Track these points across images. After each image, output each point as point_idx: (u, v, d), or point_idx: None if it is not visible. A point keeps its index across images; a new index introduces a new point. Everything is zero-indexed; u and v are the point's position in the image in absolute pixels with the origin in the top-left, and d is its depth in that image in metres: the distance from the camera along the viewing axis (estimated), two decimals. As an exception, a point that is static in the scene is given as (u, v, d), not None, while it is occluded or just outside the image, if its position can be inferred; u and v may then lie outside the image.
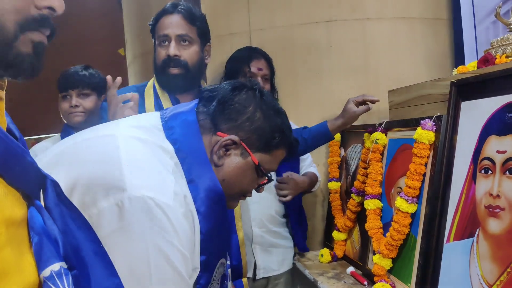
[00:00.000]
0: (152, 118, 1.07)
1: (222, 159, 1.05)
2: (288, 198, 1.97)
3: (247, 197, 1.19)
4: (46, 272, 0.57)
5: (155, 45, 1.74)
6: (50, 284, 0.57)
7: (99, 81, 2.03)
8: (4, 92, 0.66)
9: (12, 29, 0.61)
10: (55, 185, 0.67)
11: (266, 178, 1.13)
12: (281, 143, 1.12)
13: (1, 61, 0.62)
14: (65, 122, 2.01)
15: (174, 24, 1.67)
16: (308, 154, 2.16)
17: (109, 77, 1.53)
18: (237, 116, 1.06)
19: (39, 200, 0.63)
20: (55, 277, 0.58)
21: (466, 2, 2.25)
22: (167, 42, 1.68)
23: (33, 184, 0.62)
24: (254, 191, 1.18)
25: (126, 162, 0.85)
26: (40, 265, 0.57)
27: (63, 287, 0.58)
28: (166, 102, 1.73)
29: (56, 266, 0.58)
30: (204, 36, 1.75)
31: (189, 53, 1.68)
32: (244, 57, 2.08)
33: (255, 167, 1.09)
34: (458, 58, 2.26)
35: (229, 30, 2.40)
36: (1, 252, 0.51)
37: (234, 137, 1.04)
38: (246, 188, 1.13)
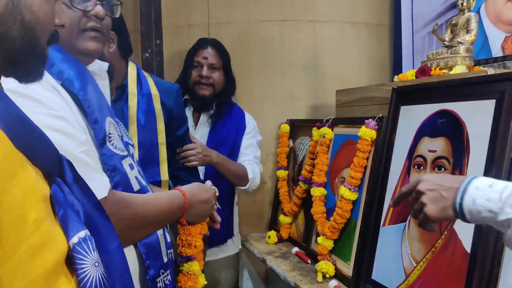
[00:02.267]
0: None
1: None
2: (194, 163, 1.90)
3: None
4: (75, 239, 0.68)
5: None
6: (79, 248, 0.68)
7: None
8: None
9: None
10: (70, 164, 0.78)
11: None
12: None
13: None
14: None
15: None
16: (250, 151, 2.17)
17: None
18: None
19: (58, 177, 0.74)
20: (82, 242, 0.69)
21: (406, 11, 2.49)
22: None
23: (53, 163, 0.73)
24: None
25: None
26: (68, 233, 0.68)
27: (89, 250, 0.70)
28: None
29: (82, 233, 0.70)
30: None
31: None
32: (193, 49, 2.16)
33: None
34: (397, 63, 2.51)
35: (188, 21, 2.49)
36: (43, 224, 0.61)
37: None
38: (71, 19, 1.09)
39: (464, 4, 1.65)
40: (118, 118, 1.31)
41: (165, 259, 1.21)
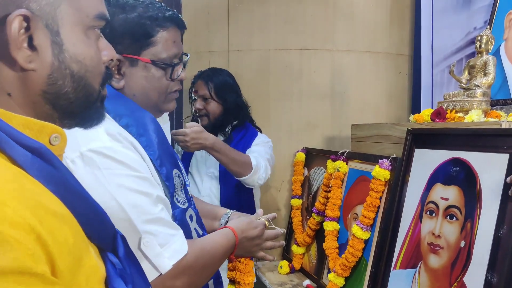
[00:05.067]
0: None
1: (121, 82, 1.09)
2: (185, 149, 1.98)
3: None
4: None
5: None
6: None
7: None
8: None
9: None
10: (124, 239, 0.80)
11: (171, 65, 1.13)
12: (154, 26, 1.10)
13: None
14: None
15: None
16: (254, 150, 2.14)
17: None
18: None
19: (111, 252, 0.73)
20: None
21: (426, 43, 2.48)
22: None
23: (109, 240, 0.72)
24: None
25: None
26: None
27: None
28: None
29: None
30: None
31: None
32: (191, 84, 2.27)
33: (153, 65, 1.11)
34: (416, 94, 2.49)
35: (208, 48, 2.53)
36: None
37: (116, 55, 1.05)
38: (163, 87, 1.15)
39: (482, 46, 1.64)
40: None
41: None
